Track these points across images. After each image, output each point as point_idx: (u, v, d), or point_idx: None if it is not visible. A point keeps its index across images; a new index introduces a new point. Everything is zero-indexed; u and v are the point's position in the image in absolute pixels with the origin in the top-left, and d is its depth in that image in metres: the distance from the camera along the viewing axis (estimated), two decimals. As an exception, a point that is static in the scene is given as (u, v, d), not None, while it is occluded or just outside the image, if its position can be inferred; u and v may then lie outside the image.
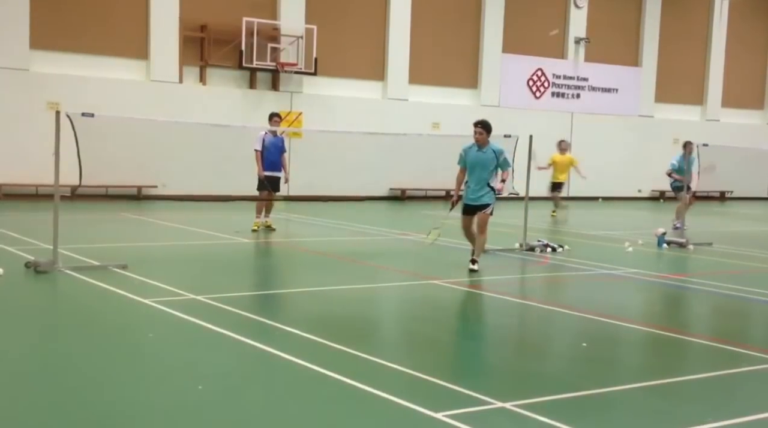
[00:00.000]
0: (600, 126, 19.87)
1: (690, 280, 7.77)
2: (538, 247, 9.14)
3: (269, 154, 10.11)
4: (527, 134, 9.57)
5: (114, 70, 15.04)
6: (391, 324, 5.77)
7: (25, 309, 5.62)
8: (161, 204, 13.83)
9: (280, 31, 16.26)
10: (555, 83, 19.68)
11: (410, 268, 7.97)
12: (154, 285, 6.32)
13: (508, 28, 18.76)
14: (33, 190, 13.95)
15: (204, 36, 15.73)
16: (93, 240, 9.09)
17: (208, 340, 4.82)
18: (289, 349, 4.52)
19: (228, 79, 16.11)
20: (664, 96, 21.14)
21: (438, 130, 17.54)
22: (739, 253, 9.87)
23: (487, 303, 6.46)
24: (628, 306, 6.54)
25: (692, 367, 4.73)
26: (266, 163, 10.10)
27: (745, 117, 22.63)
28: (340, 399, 3.77)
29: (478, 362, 4.71)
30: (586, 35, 19.85)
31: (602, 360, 4.91)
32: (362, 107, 16.93)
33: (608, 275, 7.82)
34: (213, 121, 13.23)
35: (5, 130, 14.10)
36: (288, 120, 16.39)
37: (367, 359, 4.40)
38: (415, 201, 17.17)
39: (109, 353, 4.48)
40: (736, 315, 6.39)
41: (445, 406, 3.60)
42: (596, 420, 3.69)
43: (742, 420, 3.61)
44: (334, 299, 6.24)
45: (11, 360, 4.31)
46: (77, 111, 7.18)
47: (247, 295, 6.59)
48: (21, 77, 14.20)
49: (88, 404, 3.62)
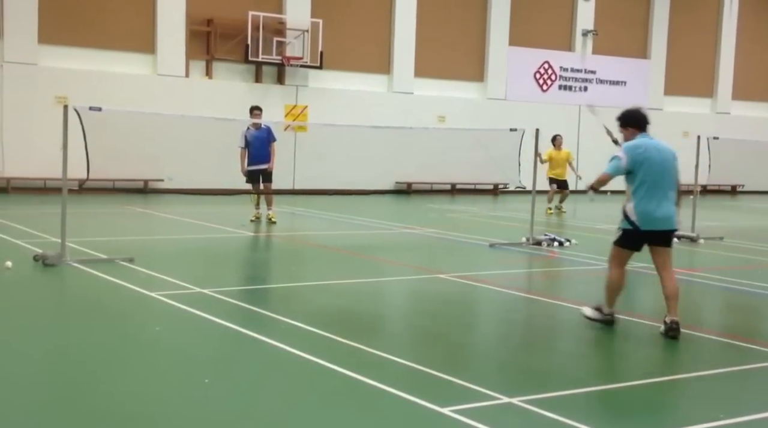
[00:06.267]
0: (608, 119, 19.70)
1: (700, 275, 7.69)
2: (545, 241, 9.09)
3: (254, 148, 10.16)
4: (534, 127, 9.49)
5: (121, 64, 15.06)
6: (396, 318, 5.75)
7: (33, 302, 5.63)
8: (168, 197, 13.86)
9: (285, 24, 16.21)
10: (562, 76, 19.53)
11: (416, 262, 7.94)
12: (160, 279, 6.32)
13: (514, 20, 18.62)
14: (41, 183, 14.01)
15: (210, 30, 15.71)
16: (100, 233, 9.12)
17: (214, 333, 4.82)
18: (296, 343, 4.50)
19: (234, 72, 16.10)
20: (673, 88, 20.93)
21: (444, 123, 17.46)
22: (751, 248, 9.77)
23: (494, 297, 6.42)
24: (636, 302, 6.49)
25: (702, 363, 4.68)
26: (251, 157, 10.14)
27: (757, 109, 22.38)
28: (345, 393, 3.76)
29: (484, 357, 4.68)
30: (594, 27, 19.66)
31: (610, 355, 4.87)
32: (368, 101, 16.87)
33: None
34: (219, 114, 13.22)
35: (14, 124, 14.16)
36: (293, 114, 16.37)
37: (373, 353, 4.38)
38: (421, 194, 17.12)
39: (115, 346, 4.49)
40: (746, 310, 6.33)
41: (451, 401, 3.58)
42: (604, 416, 3.66)
43: (754, 418, 3.57)
44: (339, 293, 6.23)
45: (19, 352, 4.32)
46: (85, 105, 7.19)
47: (253, 289, 6.59)
48: (29, 71, 14.24)
49: (95, 396, 3.62)
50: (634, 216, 4.89)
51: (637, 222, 4.89)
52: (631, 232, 4.93)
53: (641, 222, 4.88)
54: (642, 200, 4.86)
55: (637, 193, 4.88)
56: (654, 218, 4.89)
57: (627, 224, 4.94)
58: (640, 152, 4.91)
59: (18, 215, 10.55)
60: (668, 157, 5.04)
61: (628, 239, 4.97)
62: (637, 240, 4.97)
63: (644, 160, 4.89)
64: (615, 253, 5.08)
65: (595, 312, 5.19)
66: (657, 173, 4.90)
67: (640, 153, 4.90)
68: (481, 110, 18.10)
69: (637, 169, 4.89)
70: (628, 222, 4.93)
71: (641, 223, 4.89)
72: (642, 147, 4.93)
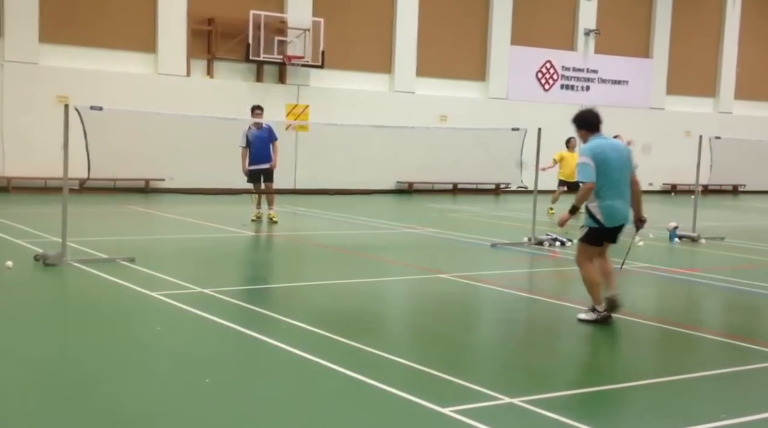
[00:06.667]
0: (610, 118, 19.62)
1: (701, 275, 7.68)
2: (547, 241, 9.07)
3: (255, 148, 10.17)
4: (536, 127, 9.47)
5: (122, 63, 15.06)
6: (397, 318, 5.74)
7: (33, 301, 5.63)
8: (169, 197, 13.86)
9: (287, 23, 16.20)
10: (564, 75, 19.50)
11: (417, 262, 7.93)
12: (161, 278, 6.32)
13: (516, 19, 18.59)
14: (42, 183, 14.01)
15: (211, 29, 15.71)
16: (101, 233, 9.12)
17: (215, 333, 4.81)
18: (296, 343, 4.49)
19: (235, 72, 16.09)
20: (675, 88, 20.89)
21: (445, 122, 17.44)
22: (752, 248, 9.75)
23: (495, 297, 6.41)
24: (638, 301, 6.47)
25: (704, 363, 4.67)
26: (253, 157, 10.16)
27: (759, 109, 22.33)
28: (346, 393, 3.75)
29: (485, 357, 4.67)
30: (596, 26, 19.62)
31: (613, 356, 4.86)
32: (369, 100, 16.86)
33: (618, 270, 7.73)
34: (220, 114, 13.22)
35: (15, 123, 14.16)
36: (295, 113, 16.36)
37: (374, 353, 4.37)
38: (422, 194, 17.11)
39: (116, 346, 4.48)
40: (748, 310, 6.31)
41: (452, 401, 3.57)
42: (606, 416, 3.65)
43: (756, 418, 3.55)
44: (340, 293, 6.22)
45: (19, 352, 4.32)
46: (86, 104, 7.18)
47: (254, 288, 6.58)
48: (30, 71, 14.24)
49: (95, 396, 3.62)
50: (600, 215, 5.12)
51: (602, 221, 5.13)
52: (597, 230, 5.17)
53: (607, 220, 5.13)
54: (606, 199, 5.10)
55: (601, 193, 5.09)
56: (619, 216, 5.15)
57: (593, 222, 5.17)
58: (599, 153, 5.12)
59: (19, 215, 10.55)
60: (624, 155, 5.27)
61: (595, 236, 5.21)
62: (602, 237, 5.22)
63: (604, 160, 5.12)
64: (583, 251, 5.30)
65: (590, 313, 5.28)
66: (616, 171, 5.13)
67: (599, 153, 5.12)
68: (482, 110, 18.07)
69: (599, 170, 5.10)
70: (594, 221, 5.16)
71: (606, 221, 5.13)
72: (600, 147, 5.14)
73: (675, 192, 20.00)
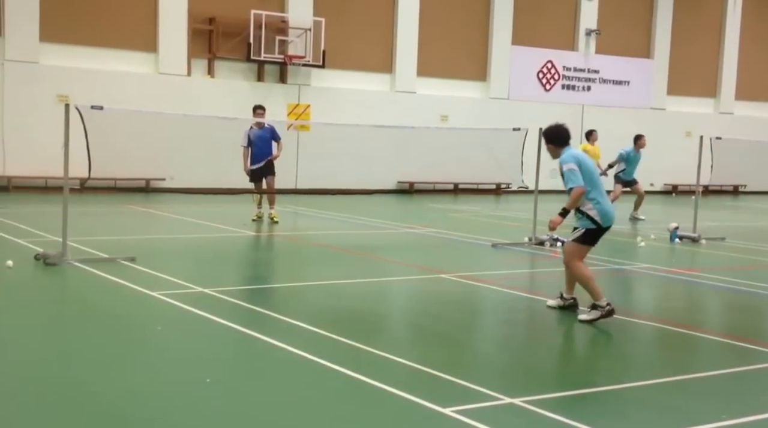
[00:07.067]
0: (611, 119, 19.68)
1: (701, 275, 7.67)
2: (548, 241, 9.06)
3: (256, 147, 10.18)
4: (537, 127, 9.46)
5: (123, 62, 15.06)
6: (398, 318, 5.74)
7: (34, 301, 5.63)
8: (169, 196, 13.87)
9: (288, 23, 16.20)
10: (565, 75, 19.49)
11: (418, 262, 7.93)
12: (162, 278, 6.32)
13: (517, 19, 18.59)
14: (42, 182, 14.02)
15: (212, 28, 15.71)
16: (102, 232, 9.12)
17: (215, 333, 4.81)
18: (297, 343, 4.50)
19: (236, 71, 16.09)
20: (676, 88, 20.88)
21: (446, 122, 17.44)
22: (752, 248, 9.74)
23: (496, 297, 6.41)
24: (639, 302, 6.47)
25: (705, 364, 4.67)
26: (254, 156, 10.16)
27: (760, 110, 22.32)
28: (347, 394, 3.75)
29: (486, 357, 4.67)
30: (597, 27, 19.62)
31: (613, 356, 4.86)
32: (370, 100, 16.85)
33: (620, 270, 7.74)
34: (221, 113, 13.22)
35: (15, 122, 14.16)
36: (296, 113, 16.36)
37: (375, 353, 4.37)
38: (423, 194, 17.10)
39: (117, 346, 4.48)
40: (749, 311, 6.31)
41: (453, 401, 3.57)
42: (607, 416, 3.65)
43: (757, 418, 3.55)
44: (341, 293, 6.22)
45: (20, 351, 4.32)
46: (86, 103, 7.18)
47: (255, 288, 6.58)
48: (31, 70, 14.24)
49: (96, 396, 3.62)
50: (597, 216, 5.39)
51: (599, 221, 5.41)
52: (593, 231, 5.45)
53: (603, 220, 5.42)
54: (599, 201, 5.41)
55: (592, 196, 5.40)
56: (611, 215, 5.48)
57: (590, 224, 5.43)
58: (581, 159, 5.47)
59: (19, 214, 10.55)
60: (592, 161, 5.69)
61: (591, 237, 5.49)
62: (597, 237, 5.51)
63: (586, 166, 5.43)
64: (575, 251, 5.53)
65: (592, 312, 5.34)
66: (595, 174, 5.49)
67: (581, 160, 5.46)
68: (483, 110, 18.07)
69: (584, 175, 5.38)
70: (591, 222, 5.43)
71: (603, 221, 5.42)
72: (576, 156, 5.47)
73: (676, 192, 19.99)
